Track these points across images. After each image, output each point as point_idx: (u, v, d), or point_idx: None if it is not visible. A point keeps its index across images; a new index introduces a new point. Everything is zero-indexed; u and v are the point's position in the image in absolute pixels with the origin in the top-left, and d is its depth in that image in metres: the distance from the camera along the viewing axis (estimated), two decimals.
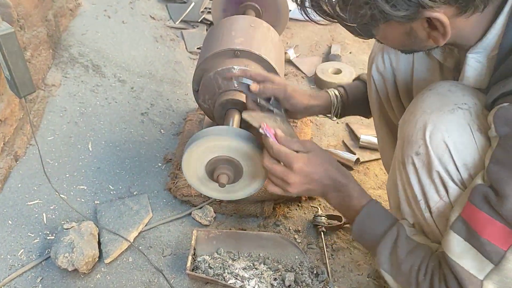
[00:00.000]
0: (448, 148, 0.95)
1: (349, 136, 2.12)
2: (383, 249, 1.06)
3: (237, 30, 1.67)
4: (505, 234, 0.86)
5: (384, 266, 1.06)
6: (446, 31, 0.89)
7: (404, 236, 1.06)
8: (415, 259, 1.02)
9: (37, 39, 2.06)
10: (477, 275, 0.90)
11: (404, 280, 1.02)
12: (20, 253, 1.51)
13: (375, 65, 1.34)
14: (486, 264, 0.89)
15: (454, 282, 0.93)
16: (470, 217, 0.92)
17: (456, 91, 1.01)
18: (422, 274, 0.99)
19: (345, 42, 2.89)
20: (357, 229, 1.13)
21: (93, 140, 1.97)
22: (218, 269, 1.42)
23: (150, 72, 2.46)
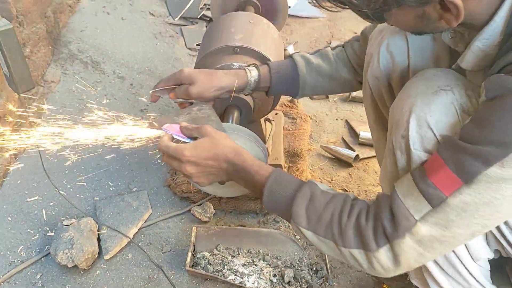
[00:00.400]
0: (430, 126, 0.96)
1: (348, 133, 2.12)
2: (298, 206, 1.02)
3: (237, 27, 1.67)
4: (450, 179, 0.87)
5: (302, 222, 1.02)
6: (460, 13, 0.88)
7: (319, 191, 1.04)
8: (335, 206, 1.00)
9: (36, 36, 2.06)
10: (414, 214, 0.91)
11: (326, 230, 1.00)
12: (19, 250, 1.51)
13: (370, 68, 1.34)
14: (424, 205, 0.90)
15: (388, 216, 0.93)
16: (429, 162, 0.93)
17: (440, 75, 1.03)
18: (346, 216, 0.98)
19: (345, 39, 2.89)
20: (268, 200, 1.08)
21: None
22: (218, 266, 1.42)
23: (149, 68, 2.45)
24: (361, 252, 0.96)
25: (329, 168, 1.91)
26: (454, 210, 0.88)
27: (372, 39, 1.34)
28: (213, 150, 1.12)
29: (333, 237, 0.98)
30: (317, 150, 2.01)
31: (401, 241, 0.91)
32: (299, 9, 3.22)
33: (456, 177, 0.86)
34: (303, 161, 1.87)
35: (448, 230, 0.90)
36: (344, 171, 1.90)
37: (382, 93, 1.35)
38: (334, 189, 1.08)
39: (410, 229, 0.91)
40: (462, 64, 1.00)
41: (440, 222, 0.89)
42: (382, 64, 1.30)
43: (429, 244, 0.92)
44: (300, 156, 1.90)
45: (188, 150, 1.11)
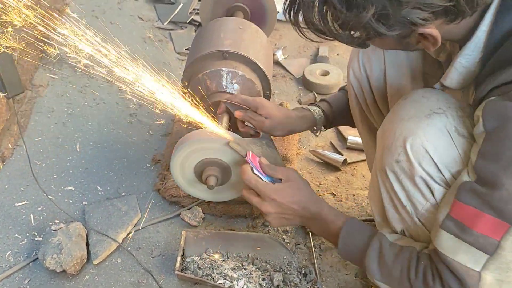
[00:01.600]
0: (427, 152, 0.98)
1: (336, 137, 2.14)
2: (370, 261, 1.09)
3: (226, 32, 1.68)
4: (495, 225, 0.88)
5: (377, 276, 1.09)
6: (437, 42, 0.92)
7: (387, 243, 1.09)
8: (403, 261, 1.04)
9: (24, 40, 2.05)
10: (474, 267, 0.92)
11: (398, 284, 1.05)
12: (7, 255, 1.51)
13: (352, 71, 1.38)
14: (480, 255, 0.91)
15: (451, 277, 0.95)
16: (459, 214, 0.94)
17: (430, 97, 1.04)
18: (413, 274, 1.01)
19: (333, 44, 2.91)
20: (342, 251, 1.17)
21: (81, 141, 1.97)
22: (207, 270, 1.42)
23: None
24: None
25: (317, 172, 1.93)
26: (510, 251, 0.89)
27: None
28: (297, 197, 1.20)
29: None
30: (305, 154, 2.02)
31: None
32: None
33: (501, 221, 0.88)
34: (292, 165, 1.88)
35: (510, 271, 0.92)
36: (332, 175, 1.91)
37: (364, 96, 1.38)
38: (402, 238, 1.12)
39: (477, 284, 0.93)
40: (445, 82, 1.03)
41: (501, 266, 0.91)
42: (361, 67, 1.35)
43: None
44: (289, 160, 1.91)
45: (276, 192, 1.19)
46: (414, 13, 0.83)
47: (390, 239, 1.10)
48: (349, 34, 0.92)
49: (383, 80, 1.32)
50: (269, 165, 1.26)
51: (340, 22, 0.89)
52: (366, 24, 0.86)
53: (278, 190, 1.20)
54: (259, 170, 1.23)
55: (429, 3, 0.82)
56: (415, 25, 0.86)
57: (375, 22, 0.85)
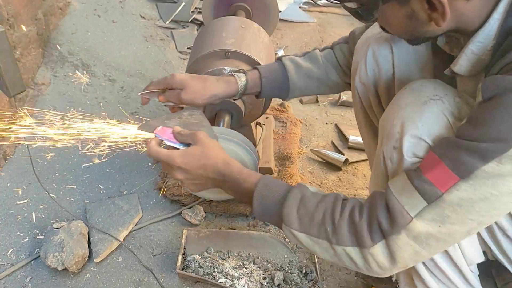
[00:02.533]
0: (424, 136, 0.97)
1: (338, 136, 2.14)
2: (289, 208, 1.02)
3: (228, 31, 1.68)
4: (446, 176, 0.87)
5: (294, 224, 1.01)
6: (445, 11, 0.90)
7: (309, 192, 1.04)
8: (327, 204, 1.00)
9: (26, 38, 2.05)
10: (409, 211, 0.91)
11: (319, 229, 0.99)
12: (9, 253, 1.51)
13: (358, 75, 1.36)
14: (420, 201, 0.90)
15: (384, 213, 0.93)
16: (424, 160, 0.94)
17: (428, 85, 1.04)
18: (338, 214, 0.97)
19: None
20: (258, 207, 1.08)
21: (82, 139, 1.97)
22: (208, 268, 1.43)
23: (140, 71, 2.46)
24: (355, 249, 0.96)
25: (318, 172, 1.93)
26: (450, 206, 0.88)
27: (358, 48, 1.36)
28: (202, 160, 1.12)
29: (327, 236, 0.98)
30: (307, 153, 2.02)
31: (396, 237, 0.92)
32: (289, 13, 3.24)
33: (452, 173, 0.87)
34: (293, 164, 1.88)
35: (443, 227, 0.90)
36: (334, 175, 1.92)
37: (369, 100, 1.37)
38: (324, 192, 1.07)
39: (406, 226, 0.91)
40: (455, 68, 1.01)
41: (436, 218, 0.90)
42: (369, 71, 1.32)
43: (425, 241, 0.92)
44: (290, 159, 1.91)
45: (179, 157, 1.12)
46: None
47: (312, 190, 1.05)
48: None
49: (392, 83, 1.31)
50: (180, 131, 1.18)
51: None
52: None
53: (182, 155, 1.12)
54: (172, 140, 1.19)
55: None
56: None
57: None
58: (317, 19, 3.27)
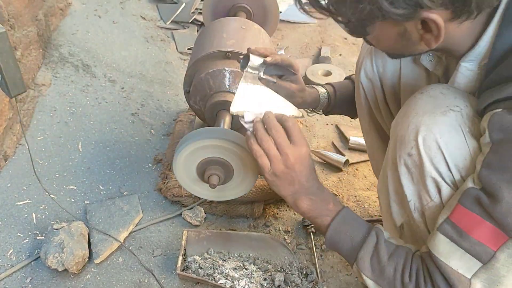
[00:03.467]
0: (440, 149, 0.96)
1: (338, 137, 2.14)
2: (365, 254, 1.03)
3: (229, 32, 1.68)
4: (494, 234, 0.87)
5: (366, 271, 1.03)
6: (440, 34, 0.90)
7: (383, 240, 1.05)
8: (398, 261, 1.01)
9: (27, 39, 2.05)
10: (465, 274, 0.91)
11: (387, 284, 1.01)
12: (9, 253, 1.51)
13: (363, 70, 1.35)
14: (474, 263, 0.90)
15: (442, 281, 0.94)
16: (459, 218, 0.93)
17: (448, 93, 1.02)
18: (407, 276, 0.99)
19: (335, 44, 2.92)
20: (332, 235, 1.09)
21: (83, 140, 1.97)
22: (209, 269, 1.43)
23: (141, 72, 2.46)
24: None
25: (319, 173, 1.93)
26: (504, 265, 0.88)
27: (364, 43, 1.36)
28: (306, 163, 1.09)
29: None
30: None
31: None
32: (290, 14, 3.24)
33: (500, 231, 0.87)
34: None
35: (500, 285, 0.90)
36: (334, 176, 1.92)
37: (375, 96, 1.37)
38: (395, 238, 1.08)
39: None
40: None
41: (493, 278, 0.90)
42: (375, 66, 1.32)
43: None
44: None
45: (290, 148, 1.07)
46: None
47: (386, 236, 1.06)
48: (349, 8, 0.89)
49: (397, 80, 1.31)
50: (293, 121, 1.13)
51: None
52: None
53: (293, 148, 1.07)
54: None
55: None
56: (421, 6, 0.84)
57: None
58: (318, 20, 3.26)
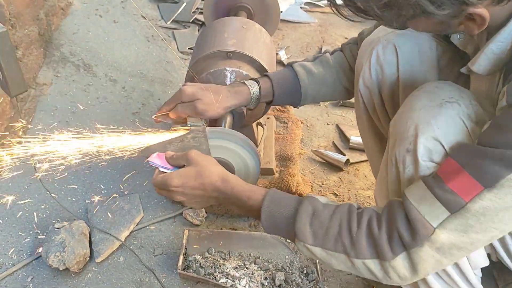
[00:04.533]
0: (439, 139, 0.95)
1: (339, 137, 2.14)
2: (301, 223, 1.00)
3: (230, 32, 1.68)
4: (470, 185, 0.85)
5: (308, 239, 0.99)
6: (484, 23, 0.88)
7: (320, 205, 1.01)
8: (342, 216, 0.97)
9: (28, 38, 2.06)
10: (431, 221, 0.89)
11: (335, 243, 0.96)
12: (10, 252, 1.51)
13: (362, 78, 1.34)
14: (442, 211, 0.88)
15: (404, 224, 0.91)
16: (442, 168, 0.91)
17: (442, 87, 1.02)
18: (355, 226, 0.95)
19: (336, 44, 2.92)
20: (267, 223, 1.06)
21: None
22: (209, 269, 1.43)
23: (142, 72, 2.46)
24: (375, 261, 0.94)
25: (320, 172, 1.93)
26: (474, 215, 0.86)
27: (362, 50, 1.35)
28: (199, 180, 1.11)
29: (344, 249, 0.96)
30: (308, 154, 2.03)
31: (419, 249, 0.90)
32: (290, 14, 3.24)
33: (476, 182, 0.85)
34: (294, 165, 1.89)
35: (466, 236, 0.89)
36: (335, 175, 1.92)
37: (373, 103, 1.37)
38: (335, 201, 1.05)
39: (429, 237, 0.89)
40: (473, 67, 0.99)
41: (459, 228, 0.88)
42: (373, 75, 1.31)
43: (447, 251, 0.91)
44: (291, 160, 1.91)
45: (175, 179, 1.11)
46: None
47: (323, 201, 1.03)
48: (394, 13, 0.88)
49: (396, 87, 1.30)
50: (172, 155, 1.17)
51: (386, 1, 0.85)
52: (415, 3, 0.83)
53: (177, 177, 1.11)
54: (165, 166, 1.18)
55: None
56: (467, 4, 0.83)
57: (425, 0, 0.82)
58: (318, 20, 3.27)
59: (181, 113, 1.31)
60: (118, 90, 2.29)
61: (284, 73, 1.45)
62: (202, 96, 1.30)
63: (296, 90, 1.43)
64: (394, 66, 1.28)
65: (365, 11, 0.91)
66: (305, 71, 1.43)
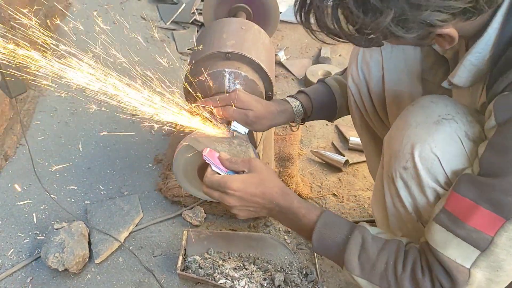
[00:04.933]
0: (437, 158, 0.96)
1: (338, 138, 2.14)
2: (351, 254, 1.02)
3: (229, 33, 1.68)
4: (490, 219, 0.85)
5: (356, 271, 1.01)
6: (453, 40, 0.90)
7: (370, 237, 1.03)
8: (389, 254, 0.99)
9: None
10: (464, 263, 0.89)
11: (381, 280, 0.98)
12: (10, 253, 1.51)
13: (350, 76, 1.37)
14: (472, 251, 0.88)
15: (441, 272, 0.92)
16: (454, 206, 0.91)
17: (438, 102, 1.02)
18: (400, 267, 0.96)
19: (335, 45, 2.92)
20: (317, 245, 1.08)
21: (83, 140, 1.97)
22: (209, 269, 1.43)
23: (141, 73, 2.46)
24: None
25: (319, 173, 1.93)
26: (503, 249, 0.86)
27: (352, 51, 1.39)
28: (260, 188, 1.12)
29: (389, 287, 0.98)
30: (307, 155, 2.03)
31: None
32: (290, 15, 3.24)
33: (496, 216, 0.85)
34: (294, 165, 1.89)
35: (501, 270, 0.89)
36: (334, 176, 1.92)
37: (363, 101, 1.38)
38: (385, 232, 1.06)
39: (466, 281, 0.90)
40: (454, 80, 1.00)
41: (492, 264, 0.88)
42: (360, 72, 1.34)
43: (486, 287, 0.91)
44: (291, 160, 1.92)
45: (236, 183, 1.11)
46: (434, 16, 0.81)
47: (373, 232, 1.04)
48: (365, 38, 0.89)
49: (382, 86, 1.32)
50: (229, 158, 1.18)
51: (357, 27, 0.87)
52: (384, 29, 0.84)
53: (239, 181, 1.12)
54: (218, 166, 1.18)
55: (448, 5, 0.81)
56: (434, 26, 0.84)
57: (394, 26, 0.83)
58: None
59: (231, 115, 1.32)
60: None
61: (319, 88, 1.49)
62: (255, 108, 1.33)
63: (332, 104, 1.47)
64: (379, 65, 1.30)
65: (338, 35, 0.93)
66: (338, 84, 1.47)
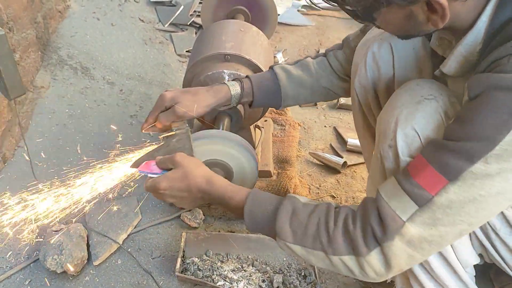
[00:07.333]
0: (417, 135, 0.98)
1: (336, 139, 2.15)
2: (282, 222, 1.02)
3: (227, 35, 1.69)
4: (435, 179, 0.88)
5: (288, 238, 1.01)
6: (445, 14, 0.90)
7: (300, 204, 1.04)
8: (320, 215, 1.00)
9: (26, 41, 2.06)
10: (401, 215, 0.91)
11: (314, 241, 0.99)
12: (8, 255, 1.51)
13: (357, 77, 1.36)
14: (411, 205, 0.90)
15: (376, 219, 0.93)
16: (412, 164, 0.94)
17: (423, 85, 1.05)
18: (332, 224, 0.97)
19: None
20: (250, 223, 1.09)
21: (81, 142, 1.97)
22: (207, 271, 1.43)
23: (139, 74, 2.46)
24: (352, 258, 0.96)
25: (317, 175, 1.93)
26: (440, 208, 0.88)
27: (358, 50, 1.37)
28: (185, 181, 1.14)
29: (322, 247, 0.98)
30: (305, 156, 2.03)
31: (391, 244, 0.92)
32: (288, 17, 3.25)
33: (441, 176, 0.87)
34: (292, 167, 1.89)
35: (435, 229, 0.91)
36: (332, 178, 1.92)
37: (368, 102, 1.38)
38: (315, 200, 1.08)
39: (399, 231, 0.91)
40: (444, 69, 1.03)
41: (427, 221, 0.90)
42: (369, 73, 1.33)
43: (418, 245, 0.92)
44: (289, 162, 1.92)
45: (163, 183, 1.15)
46: None
47: (303, 200, 1.05)
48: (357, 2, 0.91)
49: (392, 84, 1.32)
50: (160, 159, 1.21)
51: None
52: None
53: (164, 180, 1.15)
54: (155, 172, 1.21)
55: None
56: None
57: None
58: (316, 23, 3.28)
59: (164, 121, 1.34)
60: (115, 93, 2.29)
61: (265, 74, 1.48)
62: (180, 99, 1.33)
63: (276, 91, 1.46)
64: (390, 64, 1.30)
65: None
66: (285, 73, 1.46)
